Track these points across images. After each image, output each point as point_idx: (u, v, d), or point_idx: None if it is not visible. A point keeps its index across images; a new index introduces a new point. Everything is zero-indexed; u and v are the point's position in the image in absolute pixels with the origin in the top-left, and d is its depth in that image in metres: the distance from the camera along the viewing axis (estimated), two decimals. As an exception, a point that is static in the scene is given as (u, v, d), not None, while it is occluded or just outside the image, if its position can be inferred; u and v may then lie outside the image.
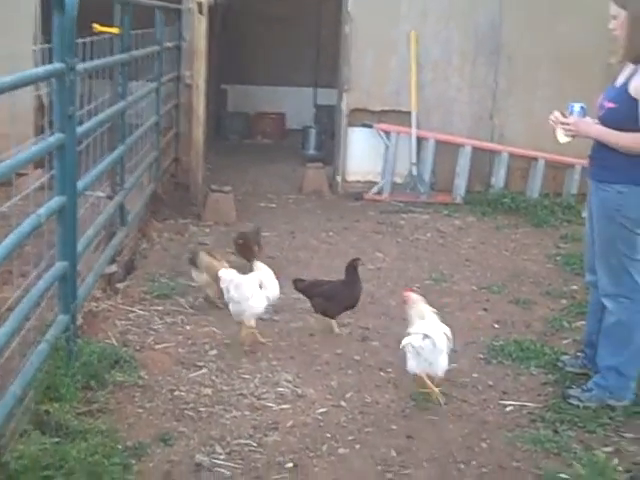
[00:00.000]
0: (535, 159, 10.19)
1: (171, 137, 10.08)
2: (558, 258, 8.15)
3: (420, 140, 10.29)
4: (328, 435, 4.65)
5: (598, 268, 5.05)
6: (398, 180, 10.38)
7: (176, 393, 5.01)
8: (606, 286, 5.01)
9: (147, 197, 8.33)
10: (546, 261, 8.08)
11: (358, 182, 10.55)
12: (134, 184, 7.37)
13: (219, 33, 13.34)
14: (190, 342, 5.78)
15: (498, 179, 10.26)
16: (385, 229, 9.02)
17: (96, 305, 6.10)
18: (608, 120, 4.88)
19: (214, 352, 5.65)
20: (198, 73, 8.92)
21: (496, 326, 6.36)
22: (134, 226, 7.76)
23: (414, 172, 10.24)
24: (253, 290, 5.72)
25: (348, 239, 8.56)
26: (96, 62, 5.69)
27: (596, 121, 5.05)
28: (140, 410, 4.77)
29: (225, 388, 5.13)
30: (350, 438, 4.63)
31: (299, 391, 5.15)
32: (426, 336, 4.97)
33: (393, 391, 5.23)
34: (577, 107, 5.10)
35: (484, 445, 4.63)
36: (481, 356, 5.78)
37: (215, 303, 6.39)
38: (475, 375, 5.49)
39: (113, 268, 6.59)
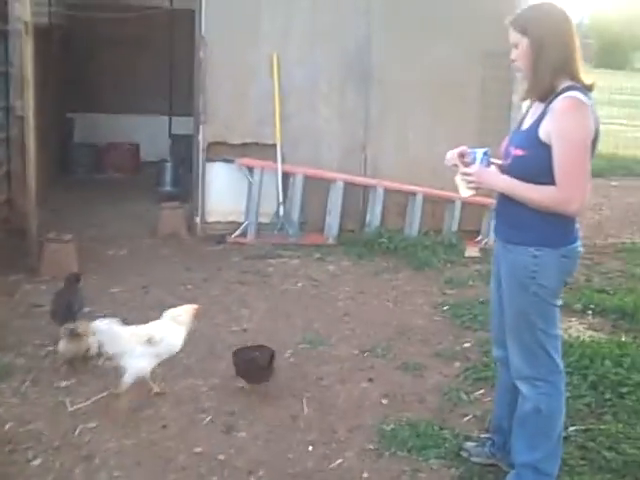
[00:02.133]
0: (413, 194, 9.39)
1: (2, 176, 8.76)
2: (445, 308, 7.31)
3: (287, 176, 9.33)
4: None
5: (509, 345, 4.17)
6: (264, 220, 9.38)
7: (-19, 534, 3.82)
8: (520, 367, 4.13)
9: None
10: (432, 312, 7.22)
11: (219, 223, 9.48)
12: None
13: (59, 57, 12.06)
14: (9, 448, 4.57)
15: (373, 217, 9.41)
16: (251, 279, 7.98)
17: None
18: (515, 170, 3.99)
19: (38, 462, 4.46)
20: (27, 103, 7.66)
21: (384, 402, 5.41)
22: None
23: (281, 211, 9.27)
24: (133, 345, 5.05)
25: (209, 292, 7.47)
26: None
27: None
28: None
29: (50, 519, 3.97)
30: None
31: (145, 517, 4.05)
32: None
33: (267, 506, 4.19)
34: (480, 153, 4.17)
35: None
36: (371, 447, 4.80)
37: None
38: (365, 475, 4.50)
39: None
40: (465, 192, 4.16)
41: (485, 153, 4.16)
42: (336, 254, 8.92)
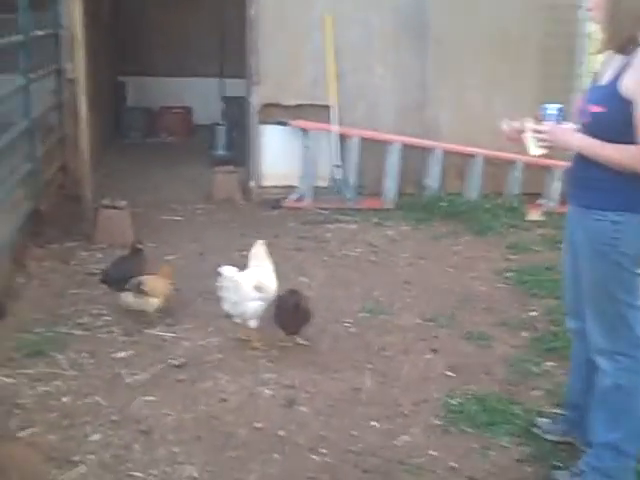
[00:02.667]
0: (472, 155, 9.09)
1: (55, 142, 8.66)
2: (509, 275, 7.06)
3: (342, 138, 9.08)
4: None
5: (588, 317, 3.92)
6: (320, 184, 9.16)
7: (40, 513, 3.71)
8: (599, 341, 3.88)
9: (22, 218, 6.94)
10: (496, 279, 6.97)
11: (274, 187, 9.29)
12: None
13: (109, 19, 11.91)
14: (66, 423, 4.46)
15: (432, 179, 9.12)
16: (308, 245, 7.79)
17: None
18: (594, 128, 3.72)
19: (97, 437, 4.35)
20: (78, 66, 7.50)
21: (450, 374, 5.20)
22: (5, 257, 6.39)
23: (337, 175, 9.04)
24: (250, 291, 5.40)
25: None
26: None
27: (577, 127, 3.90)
28: None
29: (108, 497, 3.85)
30: None
31: (207, 494, 3.91)
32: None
33: (330, 484, 4.02)
34: (553, 109, 3.91)
35: None
36: (437, 422, 4.61)
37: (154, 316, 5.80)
38: (432, 452, 4.31)
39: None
40: (535, 151, 3.90)
41: (559, 109, 3.89)
42: (394, 218, 8.69)
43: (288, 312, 5.46)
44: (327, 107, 9.06)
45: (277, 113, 9.16)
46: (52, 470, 4.00)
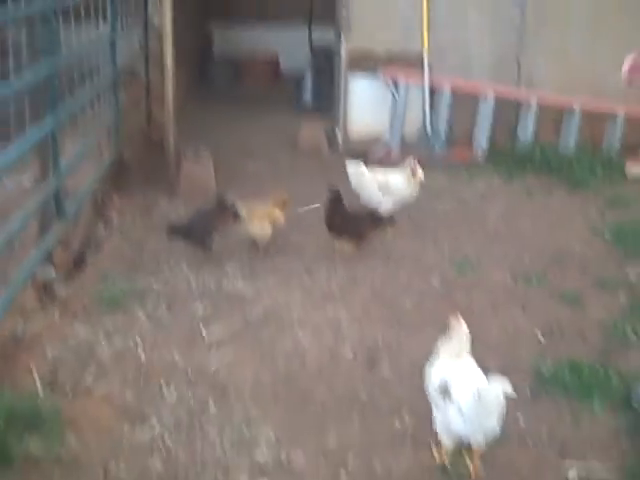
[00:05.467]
0: (570, 107, 8.62)
1: (141, 90, 8.55)
2: (606, 232, 6.69)
3: (433, 88, 8.73)
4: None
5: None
6: (409, 135, 8.84)
7: (112, 470, 3.61)
8: None
9: (105, 168, 6.86)
10: (592, 237, 6.62)
11: (362, 139, 9.00)
12: (75, 163, 5.86)
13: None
14: (142, 378, 4.37)
15: (526, 131, 8.70)
16: (395, 198, 7.54)
17: (23, 325, 4.69)
18: None
19: (172, 394, 4.24)
20: (165, 15, 7.35)
21: (541, 337, 4.93)
22: (87, 206, 6.34)
23: (427, 126, 8.71)
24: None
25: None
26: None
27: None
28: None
29: (182, 457, 3.73)
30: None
31: (283, 457, 3.76)
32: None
33: (412, 452, 3.83)
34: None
35: None
36: (526, 387, 4.35)
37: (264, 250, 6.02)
38: (521, 420, 4.07)
39: (49, 273, 5.15)
40: None
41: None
42: (485, 172, 8.34)
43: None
44: (419, 57, 8.70)
45: (367, 63, 8.86)
46: (125, 427, 3.91)
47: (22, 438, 3.64)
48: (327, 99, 9.79)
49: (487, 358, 4.61)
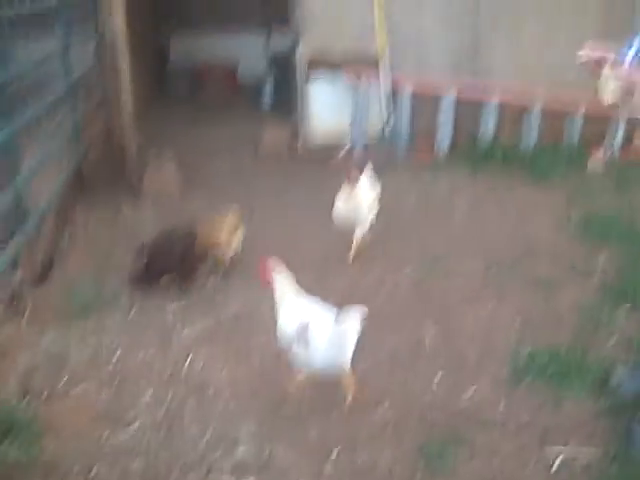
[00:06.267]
0: (530, 105, 8.65)
1: (99, 100, 8.45)
2: (571, 222, 6.72)
3: (394, 88, 8.72)
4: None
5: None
6: (370, 138, 8.82)
7: (93, 473, 3.53)
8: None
9: (67, 177, 6.75)
10: (559, 227, 6.65)
11: (323, 143, 8.96)
12: (34, 172, 5.75)
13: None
14: (118, 380, 4.30)
15: (487, 127, 8.71)
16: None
17: (-8, 334, 4.59)
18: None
19: (149, 394, 4.17)
20: (116, 24, 7.28)
21: (517, 323, 4.92)
22: (51, 213, 6.22)
23: (388, 126, 8.70)
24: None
25: (317, 216, 6.97)
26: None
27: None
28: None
29: (163, 455, 3.66)
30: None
31: (265, 453, 3.70)
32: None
33: (394, 442, 3.79)
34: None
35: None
36: (505, 374, 4.35)
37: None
38: (501, 406, 4.06)
39: (15, 278, 5.04)
40: (608, 96, 3.56)
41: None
42: (448, 169, 8.33)
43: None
44: (376, 60, 8.69)
45: (325, 65, 8.84)
46: (103, 429, 3.82)
47: (-1, 444, 3.55)
48: (287, 104, 9.75)
49: (465, 347, 4.64)
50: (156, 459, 3.63)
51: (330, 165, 8.44)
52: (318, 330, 3.87)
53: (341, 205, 5.88)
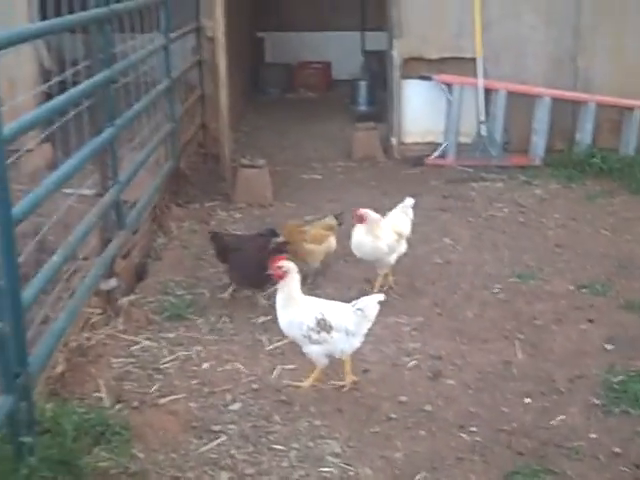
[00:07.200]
0: (629, 109, 8.46)
1: (196, 100, 8.60)
2: (672, 238, 6.56)
3: (488, 92, 8.64)
4: None
5: None
6: (464, 140, 8.76)
7: (181, 483, 3.61)
8: None
9: (163, 178, 6.88)
10: (657, 242, 6.49)
11: (417, 144, 8.95)
12: (134, 173, 5.87)
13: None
14: (207, 390, 4.37)
15: (584, 134, 8.55)
16: (453, 204, 7.46)
17: (88, 337, 4.73)
18: None
19: (237, 406, 4.23)
20: (217, 22, 7.36)
21: (609, 347, 4.83)
22: (146, 216, 6.36)
23: (483, 131, 8.62)
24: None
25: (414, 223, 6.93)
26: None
27: None
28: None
29: (249, 471, 3.71)
30: None
31: (351, 472, 3.72)
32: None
33: (480, 468, 3.75)
34: None
35: None
36: (596, 401, 4.26)
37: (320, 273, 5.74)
38: (592, 435, 3.98)
39: (112, 283, 5.17)
40: None
41: None
42: (543, 176, 8.22)
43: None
44: (472, 60, 8.62)
45: (420, 67, 8.80)
46: (192, 439, 3.90)
47: (91, 450, 3.65)
48: (381, 105, 9.73)
49: (554, 370, 4.57)
50: (242, 474, 3.68)
51: (425, 167, 8.43)
52: (339, 317, 4.23)
53: (359, 239, 5.38)
